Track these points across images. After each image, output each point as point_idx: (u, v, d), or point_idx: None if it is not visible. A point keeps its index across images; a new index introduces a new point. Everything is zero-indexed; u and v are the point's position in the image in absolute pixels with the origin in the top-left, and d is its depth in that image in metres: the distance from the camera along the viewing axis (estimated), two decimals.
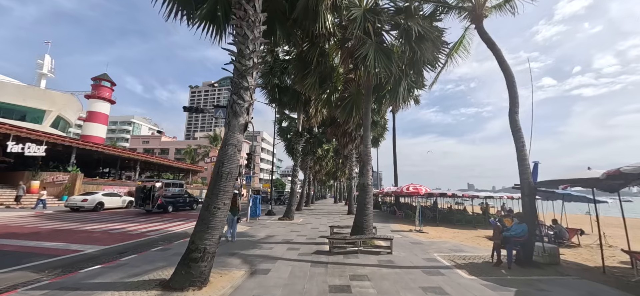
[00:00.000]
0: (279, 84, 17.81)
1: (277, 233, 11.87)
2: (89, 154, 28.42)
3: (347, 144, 23.08)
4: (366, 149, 9.98)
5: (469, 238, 11.96)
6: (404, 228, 14.19)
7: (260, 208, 17.55)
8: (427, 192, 17.04)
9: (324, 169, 45.34)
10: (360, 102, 11.60)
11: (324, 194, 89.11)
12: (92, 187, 26.41)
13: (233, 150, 5.13)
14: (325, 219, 18.22)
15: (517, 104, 7.80)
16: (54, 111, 44.09)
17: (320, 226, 14.19)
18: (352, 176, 24.82)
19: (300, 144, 18.06)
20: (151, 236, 10.94)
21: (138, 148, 75.77)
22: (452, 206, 25.01)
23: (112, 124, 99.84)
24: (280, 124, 26.74)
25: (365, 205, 9.39)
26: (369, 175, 9.71)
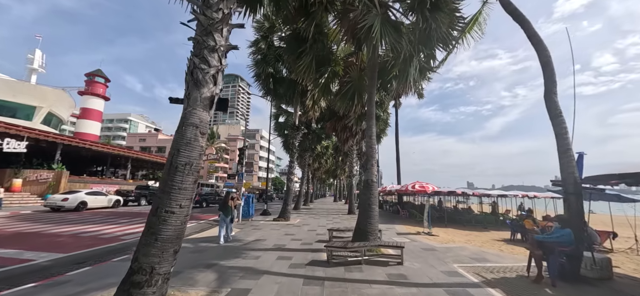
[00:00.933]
0: (274, 74, 16.42)
1: (269, 236, 10.51)
2: (77, 151, 27.04)
3: (348, 139, 21.72)
4: (370, 141, 8.60)
5: (485, 241, 10.60)
6: (410, 230, 12.84)
7: (253, 208, 16.20)
8: (434, 190, 15.68)
9: (323, 167, 44.00)
10: (362, 89, 10.22)
11: (324, 192, 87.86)
12: (79, 185, 25.07)
13: (193, 133, 3.76)
14: (324, 219, 16.87)
15: (554, 82, 6.42)
16: (45, 107, 42.71)
17: (318, 228, 12.83)
18: (353, 173, 23.46)
19: (296, 139, 16.69)
20: (126, 241, 9.59)
21: (134, 145, 74.28)
22: (457, 205, 23.65)
23: (108, 121, 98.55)
24: (277, 119, 25.38)
25: (370, 206, 8.02)
26: (374, 171, 8.35)
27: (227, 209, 9.41)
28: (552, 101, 6.27)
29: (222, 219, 9.29)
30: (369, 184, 8.20)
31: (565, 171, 5.82)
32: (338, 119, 21.84)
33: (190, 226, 13.44)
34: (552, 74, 6.47)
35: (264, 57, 15.62)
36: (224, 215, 9.32)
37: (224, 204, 9.52)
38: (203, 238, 10.05)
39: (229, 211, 9.46)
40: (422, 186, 15.68)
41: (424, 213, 12.13)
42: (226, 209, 9.40)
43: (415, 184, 15.88)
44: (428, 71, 9.11)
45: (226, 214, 9.36)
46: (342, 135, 21.59)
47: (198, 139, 3.78)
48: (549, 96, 6.35)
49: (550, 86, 6.41)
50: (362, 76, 10.30)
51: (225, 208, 9.43)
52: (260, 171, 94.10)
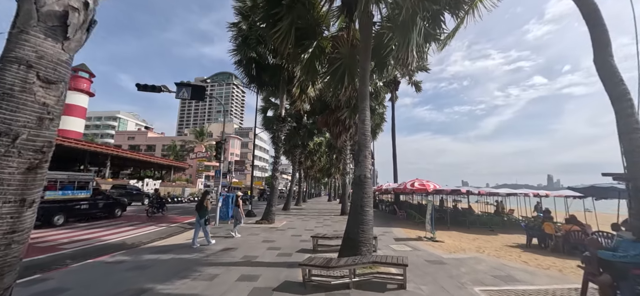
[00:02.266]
0: (257, 59, 14.63)
1: (243, 243, 8.76)
2: None
3: (341, 133, 20.04)
4: (363, 127, 6.89)
5: (498, 248, 8.99)
6: (410, 235, 11.18)
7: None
8: (436, 189, 14.06)
9: (317, 165, 42.29)
10: (354, 68, 8.52)
11: (319, 192, 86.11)
12: None
13: (20, 76, 1.98)
14: (313, 222, 15.15)
15: (608, 43, 4.77)
16: None
17: (304, 233, 11.10)
18: (347, 171, 21.77)
19: (283, 131, 14.92)
20: (62, 251, 7.76)
21: (123, 144, 71.70)
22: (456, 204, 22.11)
23: (96, 119, 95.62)
24: (265, 113, 23.59)
25: (363, 208, 6.31)
26: (368, 164, 6.64)
27: (202, 210, 8.66)
28: (607, 63, 4.63)
29: (197, 222, 8.65)
30: (362, 180, 6.49)
31: (631, 159, 4.17)
32: (330, 112, 20.17)
33: (157, 230, 11.61)
34: (605, 31, 4.82)
35: (245, 39, 13.82)
36: (198, 216, 8.63)
37: (200, 205, 8.84)
38: (162, 247, 8.25)
39: (204, 212, 8.66)
40: (422, 184, 14.06)
41: (426, 215, 10.48)
42: (202, 210, 8.66)
43: (415, 182, 14.26)
44: (434, 39, 7.40)
45: (201, 216, 8.60)
46: (335, 129, 19.91)
47: (31, 90, 2.00)
48: (602, 58, 4.71)
49: (602, 46, 4.76)
50: (353, 53, 8.57)
51: (200, 208, 8.72)
52: (256, 170, 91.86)
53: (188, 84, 13.99)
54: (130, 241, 9.60)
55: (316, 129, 25.11)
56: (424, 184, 14.03)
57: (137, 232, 11.20)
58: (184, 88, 14.05)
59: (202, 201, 8.81)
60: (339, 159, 42.45)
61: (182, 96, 14.04)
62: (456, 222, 14.83)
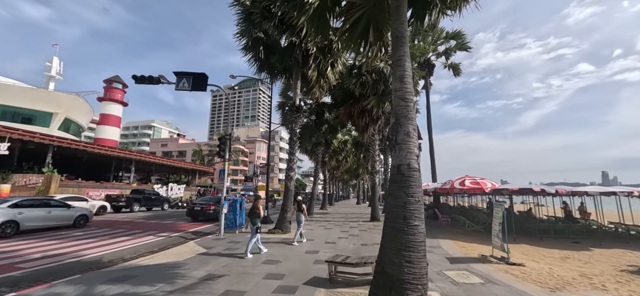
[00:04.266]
0: (264, 39, 12.48)
1: (236, 268, 6.48)
2: (73, 154, 25.03)
3: (367, 126, 17.28)
4: (403, 88, 4.28)
5: (613, 276, 5.81)
6: (468, 251, 8.22)
7: (243, 215, 12.36)
8: (494, 188, 10.82)
9: (342, 166, 39.52)
10: (381, 18, 5.91)
11: (347, 194, 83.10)
12: (73, 190, 22.85)
13: None
14: (336, 231, 12.60)
15: None
16: (61, 113, 42.41)
17: (322, 248, 8.61)
18: (376, 169, 18.91)
19: (297, 122, 12.58)
20: (13, 273, 6.04)
21: (157, 150, 74.71)
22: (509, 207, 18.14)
23: (133, 128, 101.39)
24: (283, 109, 21.48)
25: (407, 221, 3.69)
26: (413, 146, 4.00)
27: (254, 215, 7.93)
28: None
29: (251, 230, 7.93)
30: (404, 174, 3.87)
31: None
32: (354, 101, 17.49)
33: (152, 242, 9.80)
34: None
35: (249, 16, 11.72)
36: (250, 223, 7.98)
37: (252, 211, 8.08)
38: (132, 268, 6.24)
39: (256, 218, 7.93)
40: (476, 182, 10.91)
41: (495, 225, 7.44)
42: (253, 215, 7.93)
43: (465, 180, 11.14)
44: None
45: (253, 222, 7.88)
46: (360, 121, 17.21)
47: None
48: None
49: None
50: None
51: (252, 214, 7.99)
52: (280, 173, 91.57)
53: (188, 74, 12.24)
54: (108, 257, 7.79)
55: (339, 124, 22.52)
56: (478, 182, 10.87)
57: (127, 244, 9.46)
58: (184, 78, 12.30)
59: (255, 206, 7.98)
60: (366, 157, 39.48)
61: (182, 86, 12.28)
62: (524, 231, 11.40)
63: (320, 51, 12.35)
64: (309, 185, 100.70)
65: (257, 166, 66.83)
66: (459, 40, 20.29)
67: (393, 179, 3.99)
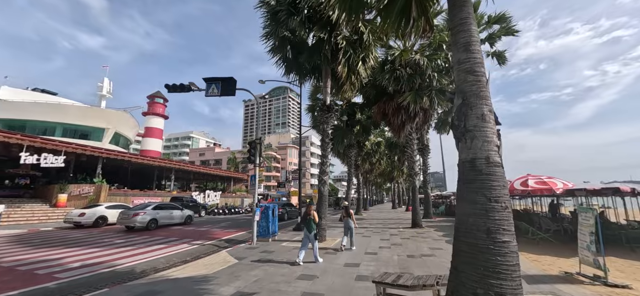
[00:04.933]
0: (291, 38, 11.95)
1: (267, 285, 5.80)
2: (119, 165, 26.79)
3: (404, 125, 15.99)
4: (471, 58, 3.27)
5: None
6: (544, 267, 6.75)
7: (276, 223, 11.82)
8: (567, 188, 9.03)
9: (376, 169, 37.96)
10: None
11: (381, 198, 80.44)
12: (120, 198, 24.35)
13: None
14: (376, 239, 11.53)
15: None
16: (111, 128, 46.35)
17: (364, 260, 7.65)
18: (415, 171, 17.45)
19: (329, 123, 11.79)
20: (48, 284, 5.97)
21: (195, 159, 78.93)
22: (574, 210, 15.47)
23: (174, 139, 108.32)
24: (313, 112, 20.89)
25: (492, 235, 2.68)
26: (491, 133, 2.98)
27: (309, 223, 7.50)
28: None
29: (305, 236, 7.57)
30: (481, 172, 2.87)
31: None
32: (388, 98, 16.34)
33: (184, 251, 9.58)
34: None
35: (275, 15, 11.28)
36: (306, 231, 7.54)
37: (304, 217, 7.81)
38: (159, 281, 5.85)
39: (311, 225, 7.49)
40: (542, 181, 9.21)
41: (583, 235, 5.94)
42: (308, 223, 7.51)
43: (528, 180, 9.47)
44: None
45: (309, 230, 7.48)
46: (395, 120, 15.97)
47: None
48: None
49: None
50: None
51: (305, 220, 7.61)
52: (312, 178, 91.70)
53: (217, 79, 12.11)
54: (141, 267, 7.59)
55: (372, 124, 21.37)
56: (545, 181, 9.16)
57: (162, 252, 9.32)
58: (214, 84, 12.20)
59: (307, 212, 7.56)
60: (401, 159, 37.52)
61: (212, 92, 12.18)
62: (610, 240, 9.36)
63: (350, 45, 11.50)
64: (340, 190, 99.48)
65: (289, 172, 67.51)
66: (504, 25, 18.13)
67: (466, 179, 3.00)
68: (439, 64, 14.48)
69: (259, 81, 18.30)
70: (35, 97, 44.86)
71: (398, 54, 15.20)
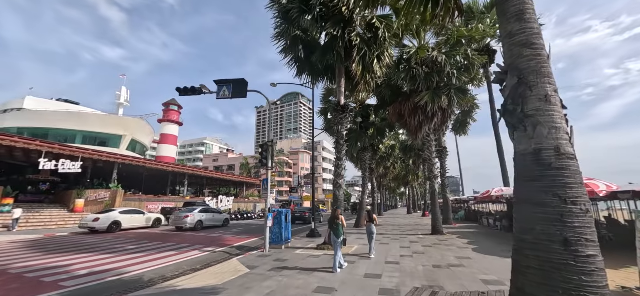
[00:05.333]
0: (302, 36, 11.58)
1: (284, 290, 5.28)
2: (135, 170, 27.13)
3: (421, 125, 15.26)
4: (525, 26, 2.67)
5: None
6: None
7: (290, 229, 11.32)
8: (611, 191, 8.10)
9: (390, 173, 37.02)
10: None
11: (394, 203, 78.76)
12: (135, 203, 24.57)
13: None
14: (395, 245, 10.83)
15: None
16: (128, 135, 47.50)
17: (385, 270, 7.02)
18: (434, 174, 16.61)
19: (343, 124, 11.26)
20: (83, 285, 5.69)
21: (209, 165, 79.97)
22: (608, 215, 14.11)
23: (188, 145, 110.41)
24: (326, 115, 20.42)
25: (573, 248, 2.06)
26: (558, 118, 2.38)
27: (336, 228, 7.25)
28: None
29: (334, 242, 7.22)
30: (549, 165, 2.27)
31: None
32: (404, 98, 15.66)
33: (195, 258, 9.21)
34: None
35: (286, 13, 10.94)
36: (334, 236, 7.20)
37: (331, 221, 7.57)
38: (178, 291, 5.44)
39: (339, 230, 7.24)
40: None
41: None
42: (336, 227, 7.25)
43: None
44: None
45: (337, 235, 7.15)
46: (412, 120, 15.26)
47: None
48: None
49: None
50: None
51: (333, 225, 7.36)
52: (324, 183, 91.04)
53: (228, 81, 11.84)
54: (149, 275, 7.23)
55: (387, 126, 20.67)
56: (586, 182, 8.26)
57: (172, 259, 8.98)
58: (224, 85, 11.92)
59: (335, 216, 7.26)
60: (416, 163, 36.42)
61: (223, 94, 11.88)
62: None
63: (364, 42, 11.00)
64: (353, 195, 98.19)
65: (301, 176, 67.16)
66: None
67: (528, 175, 2.41)
68: (458, 61, 13.72)
69: (271, 83, 18.02)
70: (57, 106, 46.64)
71: (414, 52, 14.57)
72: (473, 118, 21.41)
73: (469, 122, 21.59)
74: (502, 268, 6.81)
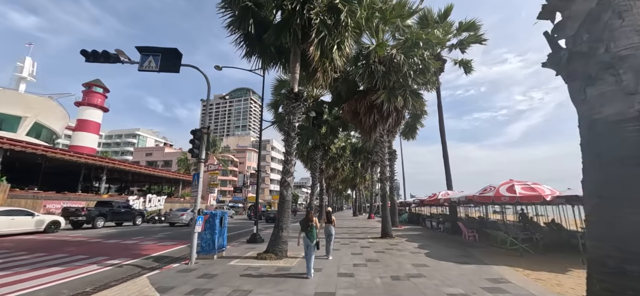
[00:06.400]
0: (255, 10, 9.91)
1: None
2: (31, 159, 21.54)
3: (376, 125, 14.77)
4: None
5: None
6: (558, 288, 5.60)
7: (225, 234, 9.45)
8: (555, 196, 8.31)
9: (340, 175, 36.83)
10: None
11: (341, 205, 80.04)
12: (28, 202, 19.40)
13: None
14: (346, 252, 9.82)
15: None
16: (31, 117, 38.54)
17: (338, 287, 5.83)
18: (385, 175, 16.30)
19: (296, 114, 9.87)
20: None
21: (141, 160, 70.31)
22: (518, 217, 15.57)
23: (116, 136, 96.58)
24: (277, 109, 18.77)
25: None
26: None
27: (311, 230, 6.51)
28: None
29: (307, 246, 6.48)
30: None
31: None
32: (360, 95, 15.05)
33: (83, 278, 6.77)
34: None
35: None
36: (307, 239, 6.47)
37: (305, 223, 6.70)
38: None
39: (313, 233, 6.50)
40: (529, 187, 8.39)
41: None
42: (310, 231, 6.49)
43: (514, 185, 8.60)
44: None
45: (310, 239, 6.44)
46: (367, 119, 14.67)
47: None
48: None
49: None
50: None
51: (307, 228, 6.57)
52: (271, 184, 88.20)
53: (156, 50, 9.53)
54: None
55: (340, 125, 19.97)
56: (533, 187, 8.36)
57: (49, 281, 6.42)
58: (151, 55, 9.60)
59: (309, 218, 6.73)
60: (365, 166, 36.95)
61: (148, 65, 9.54)
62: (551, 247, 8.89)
63: (325, 26, 9.79)
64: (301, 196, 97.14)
65: (247, 176, 63.41)
66: (473, 33, 18.27)
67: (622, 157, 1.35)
68: (416, 62, 13.56)
69: (215, 66, 15.70)
70: None
71: (373, 49, 14.05)
72: (421, 124, 22.09)
73: (418, 127, 22.21)
74: (464, 278, 6.21)
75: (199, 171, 8.60)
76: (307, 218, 6.75)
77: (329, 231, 8.66)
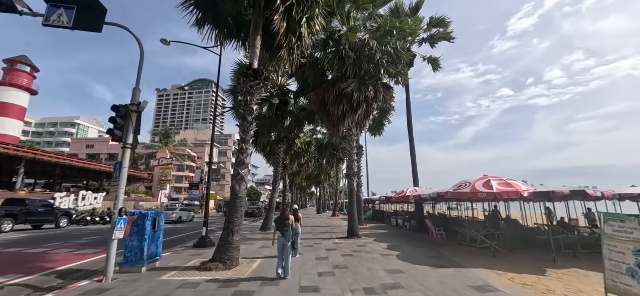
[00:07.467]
0: None
1: None
2: None
3: (344, 116, 13.73)
4: None
5: None
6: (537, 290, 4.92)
7: (160, 240, 7.60)
8: (531, 192, 7.95)
9: (304, 171, 35.56)
10: None
11: (304, 203, 78.97)
12: None
13: None
14: (310, 256, 8.58)
15: None
16: None
17: None
18: (353, 171, 15.41)
19: (254, 94, 8.30)
20: None
21: (80, 152, 61.69)
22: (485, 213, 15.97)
23: (50, 125, 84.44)
24: (235, 95, 16.84)
25: None
26: None
27: (287, 229, 6.10)
28: None
29: (283, 246, 6.03)
30: None
31: None
32: (328, 84, 13.89)
33: None
34: None
35: None
36: (284, 238, 6.04)
37: (281, 222, 6.22)
38: None
39: (289, 233, 6.12)
40: (505, 183, 7.93)
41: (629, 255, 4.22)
42: (286, 229, 6.09)
43: (490, 181, 8.08)
44: None
45: (286, 238, 6.02)
46: (336, 110, 13.57)
47: None
48: None
49: None
50: None
51: (282, 226, 6.13)
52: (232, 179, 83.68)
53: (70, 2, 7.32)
54: None
55: (306, 117, 18.62)
56: (509, 183, 7.90)
57: None
58: (63, 7, 7.36)
59: (284, 216, 6.18)
60: (330, 162, 36.12)
61: (57, 20, 7.28)
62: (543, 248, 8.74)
63: None
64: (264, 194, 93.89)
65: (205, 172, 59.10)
66: (443, 29, 18.18)
67: None
68: (389, 50, 12.76)
69: (161, 40, 13.37)
70: None
71: (344, 33, 12.97)
72: (389, 119, 21.71)
73: (385, 123, 21.81)
74: (446, 287, 5.31)
75: (123, 160, 6.65)
76: (283, 216, 6.29)
77: (296, 230, 8.06)
